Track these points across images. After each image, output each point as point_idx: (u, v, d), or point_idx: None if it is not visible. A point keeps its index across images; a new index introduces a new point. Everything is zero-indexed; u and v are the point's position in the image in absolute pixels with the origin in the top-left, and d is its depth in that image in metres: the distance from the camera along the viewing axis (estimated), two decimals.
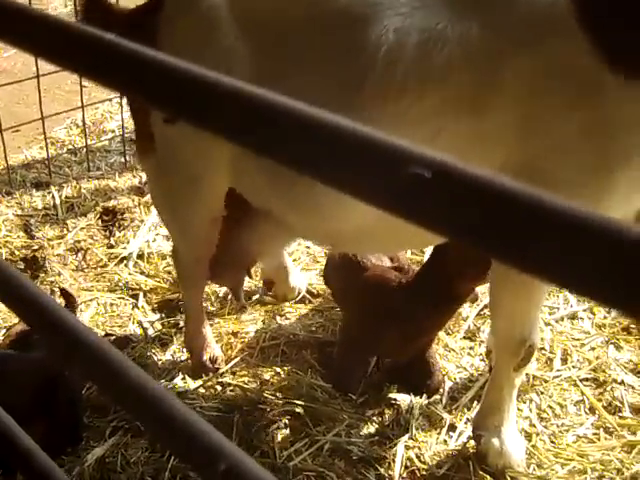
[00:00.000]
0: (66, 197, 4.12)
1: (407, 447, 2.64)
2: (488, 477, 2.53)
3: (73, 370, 2.66)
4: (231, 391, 2.88)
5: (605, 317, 3.24)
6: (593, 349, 3.08)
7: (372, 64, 2.12)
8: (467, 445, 2.65)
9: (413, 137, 2.14)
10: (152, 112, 2.47)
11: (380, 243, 2.55)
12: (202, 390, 2.89)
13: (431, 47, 2.05)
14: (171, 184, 2.63)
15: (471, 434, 2.64)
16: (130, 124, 4.79)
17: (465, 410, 2.81)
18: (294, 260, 3.61)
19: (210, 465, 0.74)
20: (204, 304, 3.16)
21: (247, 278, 3.27)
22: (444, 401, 2.84)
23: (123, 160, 4.50)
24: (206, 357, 2.98)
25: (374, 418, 2.76)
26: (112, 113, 5.02)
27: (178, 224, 2.80)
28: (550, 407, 2.81)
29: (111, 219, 3.92)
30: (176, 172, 2.57)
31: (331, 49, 2.18)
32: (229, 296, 3.40)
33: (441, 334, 3.06)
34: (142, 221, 3.88)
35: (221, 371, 2.97)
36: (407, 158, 0.48)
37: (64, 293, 3.00)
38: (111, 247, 3.75)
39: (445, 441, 2.68)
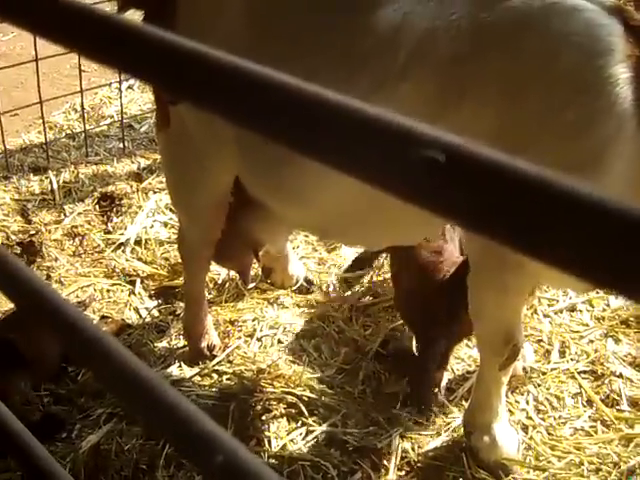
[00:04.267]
0: (64, 182, 4.09)
1: (403, 438, 2.63)
2: (482, 469, 2.53)
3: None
4: (227, 379, 2.86)
5: (604, 310, 3.23)
6: (592, 342, 3.07)
7: (375, 47, 2.09)
8: (463, 437, 2.64)
9: None
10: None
11: (363, 234, 2.54)
12: (198, 378, 2.88)
13: (440, 36, 2.02)
14: (182, 164, 2.67)
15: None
16: (129, 110, 4.76)
17: (463, 401, 2.79)
18: (293, 248, 3.58)
19: (207, 457, 0.72)
20: None
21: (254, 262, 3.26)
22: (442, 392, 2.82)
23: (122, 146, 4.46)
24: (204, 344, 2.97)
25: (371, 408, 2.75)
26: (111, 98, 4.97)
27: (186, 205, 2.84)
28: (547, 399, 2.80)
29: (109, 205, 3.89)
30: (187, 154, 2.60)
31: (335, 30, 2.15)
32: (227, 284, 3.38)
33: None
34: (140, 207, 3.85)
35: (218, 359, 2.95)
36: (420, 140, 0.46)
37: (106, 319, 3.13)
38: (108, 233, 3.72)
39: (440, 433, 2.67)
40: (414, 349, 2.85)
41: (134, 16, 2.58)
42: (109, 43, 0.70)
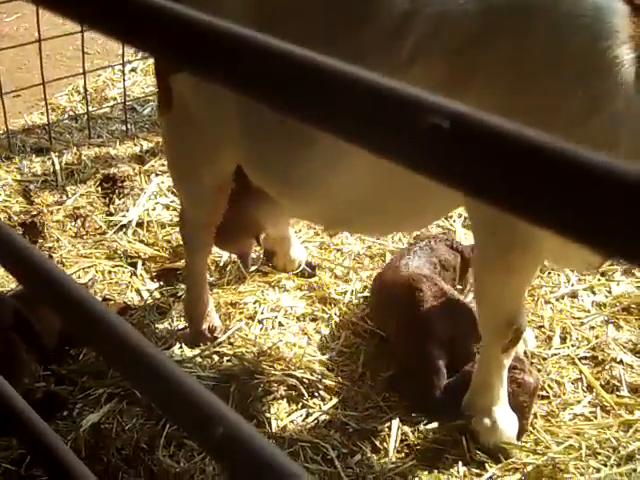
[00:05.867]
0: (66, 163, 4.09)
1: (402, 421, 2.64)
2: (482, 452, 2.53)
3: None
4: (228, 361, 2.87)
5: (606, 296, 3.23)
6: (593, 328, 3.07)
7: (383, 33, 2.08)
8: (463, 420, 2.64)
9: None
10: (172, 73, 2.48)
11: (370, 222, 2.55)
12: (199, 359, 2.89)
13: (449, 21, 2.01)
14: (184, 147, 2.68)
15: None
16: (132, 92, 4.75)
17: None
18: (295, 232, 3.58)
19: (207, 429, 0.72)
20: None
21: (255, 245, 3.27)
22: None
23: (124, 128, 4.45)
24: (205, 326, 2.98)
25: (370, 391, 2.76)
26: (114, 81, 4.96)
27: (188, 187, 2.84)
28: (548, 385, 2.80)
29: (111, 187, 3.89)
30: (189, 136, 2.61)
31: (344, 18, 2.15)
32: (228, 267, 3.38)
33: None
34: (142, 189, 3.85)
35: (219, 341, 2.96)
36: (425, 108, 0.46)
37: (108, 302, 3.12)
38: (110, 215, 3.72)
39: None
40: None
41: None
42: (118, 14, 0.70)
